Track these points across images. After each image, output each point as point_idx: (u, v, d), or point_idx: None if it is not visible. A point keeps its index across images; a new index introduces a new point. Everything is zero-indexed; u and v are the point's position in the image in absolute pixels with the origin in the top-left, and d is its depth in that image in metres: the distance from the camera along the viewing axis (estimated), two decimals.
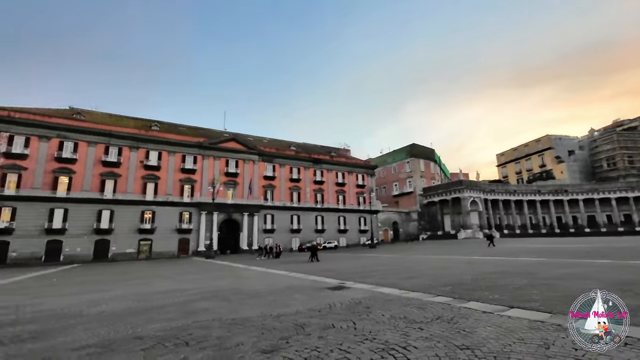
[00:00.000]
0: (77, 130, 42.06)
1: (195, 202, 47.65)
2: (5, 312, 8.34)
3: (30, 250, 36.96)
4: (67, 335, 5.73)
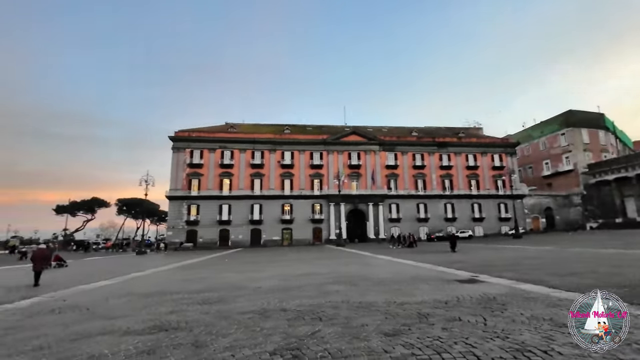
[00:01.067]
0: (231, 140, 52.02)
1: (323, 195, 51.85)
2: (199, 282, 11.39)
3: (210, 237, 48.23)
4: (236, 303, 7.50)
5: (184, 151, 50.48)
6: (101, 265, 20.81)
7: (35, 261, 12.14)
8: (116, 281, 12.50)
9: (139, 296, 8.97)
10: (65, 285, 11.52)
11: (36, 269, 11.97)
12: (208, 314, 6.56)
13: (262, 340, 4.75)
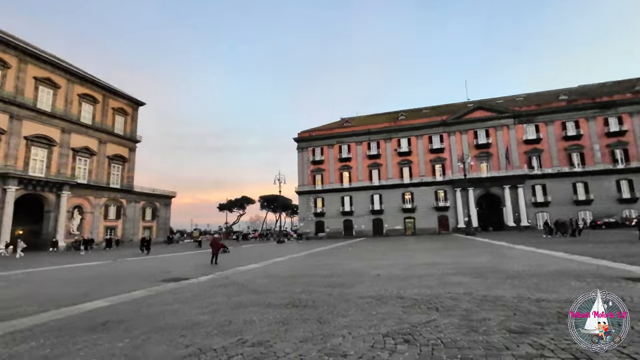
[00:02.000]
0: (347, 135, 54.05)
1: (447, 180, 48.08)
2: (325, 268, 12.61)
3: (335, 227, 51.69)
4: (356, 287, 8.08)
5: (307, 150, 55.50)
6: (251, 252, 25.30)
7: (213, 246, 16.42)
8: (262, 264, 15.10)
9: (279, 277, 10.68)
10: (228, 267, 14.66)
11: (214, 252, 16.11)
12: (331, 295, 7.34)
13: (377, 323, 5.08)
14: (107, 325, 5.61)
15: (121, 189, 42.17)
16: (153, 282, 10.60)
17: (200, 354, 4.15)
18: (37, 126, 33.10)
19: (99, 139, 40.02)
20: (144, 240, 26.35)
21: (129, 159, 44.36)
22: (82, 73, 39.51)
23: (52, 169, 34.29)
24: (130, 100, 45.94)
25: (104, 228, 39.51)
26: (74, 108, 37.40)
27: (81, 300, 7.90)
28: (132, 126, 45.64)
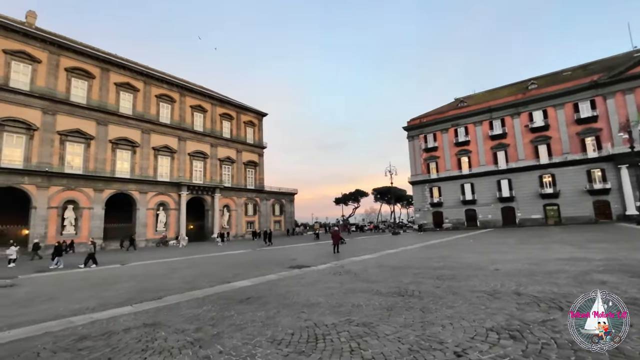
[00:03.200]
0: (463, 116, 49.07)
1: (605, 156, 38.11)
2: (438, 261, 12.28)
3: (455, 217, 47.89)
4: (468, 281, 7.78)
5: (418, 138, 53.02)
6: (365, 244, 26.25)
7: (333, 238, 18.59)
8: (375, 255, 15.72)
9: (389, 268, 11.09)
10: (343, 257, 15.87)
11: (335, 242, 18.27)
12: (439, 288, 7.34)
13: (484, 317, 4.99)
14: (250, 300, 7.23)
15: (255, 189, 49.92)
16: (282, 268, 12.57)
17: (315, 327, 5.05)
18: (196, 144, 42.59)
19: (236, 149, 48.40)
20: (265, 233, 30.27)
21: (259, 163, 52.02)
22: (223, 97, 48.46)
23: (207, 176, 43.59)
24: (256, 113, 53.68)
25: (245, 222, 47.73)
26: (217, 126, 46.39)
27: (233, 280, 10.19)
28: (259, 135, 53.29)
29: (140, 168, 35.90)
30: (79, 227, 30.58)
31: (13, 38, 28.64)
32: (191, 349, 4.37)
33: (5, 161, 26.99)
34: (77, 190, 30.79)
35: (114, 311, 6.79)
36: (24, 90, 28.52)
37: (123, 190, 34.04)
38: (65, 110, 30.84)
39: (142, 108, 37.23)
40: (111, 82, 34.92)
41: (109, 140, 33.60)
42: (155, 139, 37.90)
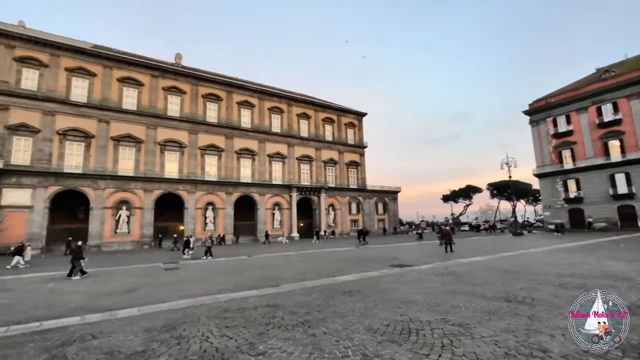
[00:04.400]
0: (609, 89, 39.29)
1: None
2: (565, 267, 10.57)
3: (603, 216, 38.70)
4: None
5: (544, 122, 44.94)
6: (477, 245, 23.97)
7: (445, 237, 18.64)
8: (486, 258, 14.45)
9: (499, 271, 10.19)
10: (449, 258, 15.13)
11: (447, 241, 18.24)
12: (558, 297, 6.55)
13: None
14: (352, 293, 7.92)
15: (357, 188, 51.18)
16: (383, 266, 12.93)
17: (410, 322, 5.35)
18: (302, 149, 46.63)
19: (338, 150, 50.66)
20: (360, 232, 30.27)
21: (360, 163, 53.09)
22: (324, 102, 51.61)
23: (313, 178, 47.10)
24: (356, 114, 55.01)
25: (349, 221, 49.51)
26: (320, 130, 49.57)
27: (337, 274, 11.13)
28: (359, 135, 54.40)
29: (258, 173, 41.46)
30: (216, 224, 37.40)
31: (168, 77, 37.12)
32: (302, 328, 5.29)
33: (166, 173, 35.22)
34: (214, 194, 37.71)
35: (244, 293, 8.47)
36: (176, 117, 36.59)
37: (247, 192, 39.94)
38: (203, 130, 38.19)
39: (258, 121, 42.85)
40: (234, 101, 41.41)
41: (234, 151, 39.96)
42: (269, 147, 43.07)
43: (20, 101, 28.92)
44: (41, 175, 28.74)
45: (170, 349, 4.53)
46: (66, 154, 30.39)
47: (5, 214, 27.02)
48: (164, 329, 5.54)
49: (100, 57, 33.37)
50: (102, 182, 31.24)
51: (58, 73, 31.08)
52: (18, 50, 29.63)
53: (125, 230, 31.76)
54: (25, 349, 4.79)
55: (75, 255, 12.74)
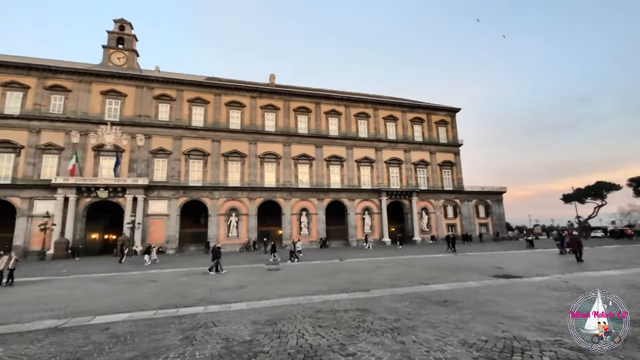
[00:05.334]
0: None
1: None
2: None
3: None
4: None
5: None
6: (616, 255, 19.39)
7: (573, 244, 16.47)
8: (625, 272, 11.73)
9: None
10: (571, 269, 12.80)
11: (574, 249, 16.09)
12: None
13: None
14: (446, 303, 7.52)
15: (453, 190, 47.31)
16: (484, 276, 11.77)
17: (513, 340, 4.86)
18: (391, 152, 45.77)
19: (429, 151, 47.91)
20: (448, 238, 27.08)
21: (456, 162, 49.02)
22: (412, 102, 49.80)
23: (403, 181, 45.63)
24: (447, 110, 51.26)
25: (445, 225, 46.04)
26: (408, 132, 47.81)
27: (430, 282, 10.64)
28: (453, 132, 50.39)
29: (347, 179, 42.36)
30: (310, 229, 39.61)
31: (264, 97, 41.38)
32: (390, 334, 5.34)
33: (266, 182, 39.08)
34: (307, 201, 40.11)
35: (336, 296, 8.88)
36: (272, 132, 40.39)
37: (337, 198, 41.21)
38: (295, 141, 41.13)
39: (345, 128, 43.95)
40: (322, 111, 43.47)
41: (324, 159, 41.81)
42: (357, 152, 43.63)
43: (158, 130, 36.26)
44: (174, 189, 35.32)
45: (272, 341, 5.16)
46: (190, 171, 36.65)
47: (150, 221, 34.09)
48: (267, 323, 6.29)
49: (212, 87, 39.39)
50: (216, 192, 36.57)
51: (182, 104, 37.91)
52: (156, 90, 37.32)
53: (235, 234, 36.32)
54: (168, 329, 6.09)
55: (215, 255, 15.50)
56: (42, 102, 33.54)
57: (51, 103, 33.97)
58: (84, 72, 35.30)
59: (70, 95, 34.58)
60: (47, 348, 5.24)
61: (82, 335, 5.92)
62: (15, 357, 4.86)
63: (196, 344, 5.18)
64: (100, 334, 5.96)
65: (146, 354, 4.82)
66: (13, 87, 33.15)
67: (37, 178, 31.86)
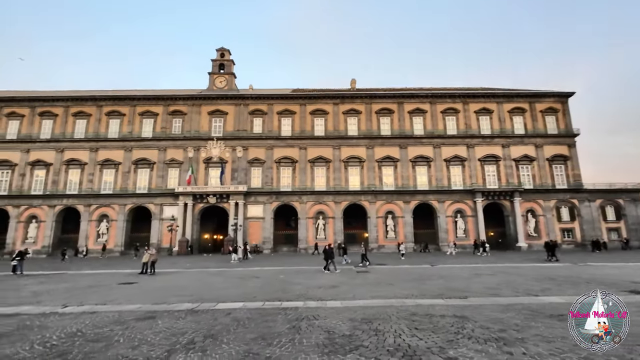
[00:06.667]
0: None
1: None
2: None
3: None
4: None
5: None
6: None
7: None
8: None
9: None
10: None
11: None
12: None
13: None
14: (562, 317, 6.68)
15: (568, 189, 40.18)
16: (615, 290, 9.89)
17: None
18: (485, 148, 41.48)
19: (534, 144, 41.77)
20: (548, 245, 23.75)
21: (570, 156, 41.56)
22: (509, 91, 44.30)
23: (502, 180, 40.79)
24: (556, 96, 43.97)
25: (559, 230, 39.33)
26: (506, 124, 42.56)
27: (541, 294, 9.49)
28: (565, 121, 42.89)
29: (435, 179, 40.07)
30: (397, 232, 38.68)
31: (346, 102, 42.32)
32: (495, 343, 5.08)
33: (350, 186, 39.78)
34: (392, 203, 39.32)
35: (430, 300, 8.69)
36: (355, 135, 40.98)
37: (424, 200, 39.34)
38: (378, 143, 40.88)
39: (431, 126, 41.72)
40: (405, 111, 42.17)
41: (409, 160, 40.46)
42: (445, 151, 40.90)
43: (254, 142, 40.46)
44: (268, 194, 38.83)
45: (370, 338, 5.45)
46: (281, 177, 39.78)
47: (249, 223, 38.16)
48: (363, 321, 6.62)
49: (297, 98, 42.15)
50: (304, 197, 38.82)
51: (273, 117, 41.51)
52: (250, 106, 41.78)
53: (323, 236, 37.86)
54: (276, 319, 6.93)
55: (329, 255, 16.51)
56: (167, 125, 40.94)
57: (172, 125, 41.17)
58: (196, 97, 41.79)
59: (186, 118, 41.31)
60: (190, 324, 6.56)
61: (211, 317, 7.20)
62: (170, 329, 6.24)
63: (302, 333, 5.82)
64: (224, 317, 7.15)
65: (263, 336, 5.64)
66: (147, 115, 41.29)
67: (164, 188, 38.88)
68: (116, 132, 40.66)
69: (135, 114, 41.17)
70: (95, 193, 38.58)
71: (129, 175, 39.29)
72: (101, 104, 41.41)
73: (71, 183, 39.05)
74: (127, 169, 39.42)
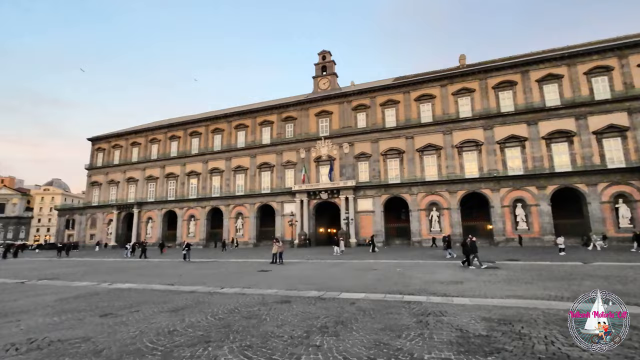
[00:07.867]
0: None
1: None
2: None
3: None
4: None
5: None
6: None
7: None
8: None
9: None
10: None
11: None
12: None
13: None
14: None
15: None
16: None
17: None
18: None
19: None
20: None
21: None
22: None
23: None
24: None
25: None
26: None
27: None
28: None
29: (581, 158, 32.50)
30: (530, 223, 33.12)
31: (456, 82, 38.48)
32: None
33: (466, 173, 36.04)
34: (522, 190, 33.78)
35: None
36: (468, 117, 36.87)
37: (566, 184, 32.44)
38: (499, 122, 35.72)
39: (571, 93, 33.99)
40: (532, 80, 35.56)
41: (540, 138, 33.96)
42: (595, 121, 32.57)
43: (359, 137, 41.02)
44: (376, 187, 38.82)
45: (513, 342, 4.87)
46: (388, 169, 39.17)
47: (360, 217, 38.92)
48: (500, 322, 5.96)
49: (400, 87, 40.61)
50: (415, 188, 37.23)
51: (376, 109, 41.18)
52: (353, 102, 42.46)
53: (437, 229, 35.58)
54: (400, 312, 6.90)
55: (471, 249, 15.40)
56: (281, 131, 45.43)
57: (286, 130, 45.39)
58: (303, 101, 45.01)
59: (296, 122, 44.94)
60: (320, 310, 7.18)
61: (337, 305, 7.70)
62: (304, 313, 6.96)
63: (430, 328, 5.64)
64: (349, 306, 7.54)
65: (391, 328, 5.72)
66: (265, 124, 46.68)
67: (283, 187, 43.28)
68: (243, 142, 47.40)
69: (256, 125, 47.08)
70: (232, 195, 45.94)
71: (255, 178, 45.29)
72: (231, 119, 48.95)
73: (214, 188, 47.58)
74: (253, 173, 45.54)
